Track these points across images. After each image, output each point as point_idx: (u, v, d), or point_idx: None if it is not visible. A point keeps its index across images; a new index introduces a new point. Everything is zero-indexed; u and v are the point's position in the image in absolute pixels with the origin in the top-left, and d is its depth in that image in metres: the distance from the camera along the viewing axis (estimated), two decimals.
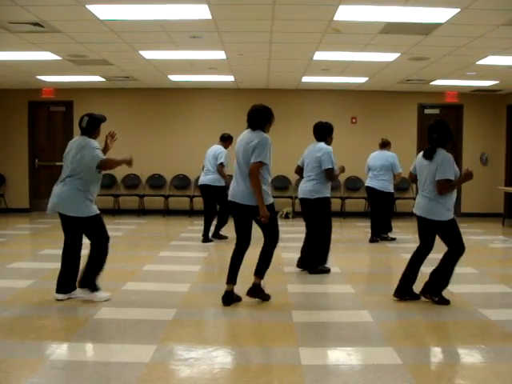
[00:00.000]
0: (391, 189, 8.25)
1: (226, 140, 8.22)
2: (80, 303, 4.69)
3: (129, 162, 4.77)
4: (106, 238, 4.76)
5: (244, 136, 4.70)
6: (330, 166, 5.88)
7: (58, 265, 6.25)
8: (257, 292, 4.78)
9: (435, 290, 4.73)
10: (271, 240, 4.77)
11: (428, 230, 4.78)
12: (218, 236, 8.30)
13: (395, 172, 8.20)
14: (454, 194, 4.71)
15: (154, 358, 3.44)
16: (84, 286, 4.74)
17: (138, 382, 3.07)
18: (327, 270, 6.05)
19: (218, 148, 8.09)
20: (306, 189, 6.02)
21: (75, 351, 3.62)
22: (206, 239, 8.13)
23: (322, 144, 6.01)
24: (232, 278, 4.70)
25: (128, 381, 3.08)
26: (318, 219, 6.01)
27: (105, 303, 4.68)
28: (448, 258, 4.70)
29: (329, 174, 5.92)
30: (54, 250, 7.35)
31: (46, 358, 3.40)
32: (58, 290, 4.74)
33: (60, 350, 3.54)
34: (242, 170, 4.63)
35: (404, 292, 4.86)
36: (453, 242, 4.68)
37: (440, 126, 4.66)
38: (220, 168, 7.95)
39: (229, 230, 7.25)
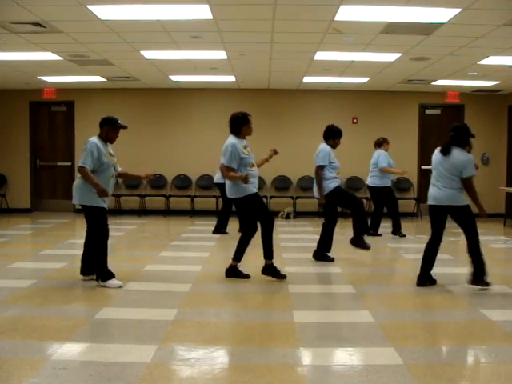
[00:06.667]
0: (381, 183, 8.73)
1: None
2: (81, 303, 4.70)
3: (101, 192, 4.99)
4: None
5: None
6: (320, 164, 6.40)
7: (58, 264, 6.31)
8: (231, 272, 5.63)
9: (481, 276, 5.16)
10: (247, 230, 5.54)
11: (443, 218, 5.20)
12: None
13: (379, 167, 8.68)
14: None
15: (155, 358, 3.45)
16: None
17: (140, 382, 3.07)
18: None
19: None
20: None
21: (77, 351, 3.62)
22: (216, 231, 8.87)
23: (322, 143, 6.65)
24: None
25: (129, 381, 3.08)
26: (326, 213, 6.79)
27: (106, 303, 4.69)
28: (472, 244, 5.10)
29: (316, 171, 6.45)
30: (55, 250, 7.39)
31: (47, 358, 3.40)
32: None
33: (61, 350, 3.55)
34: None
35: (425, 279, 5.33)
36: (470, 226, 5.10)
37: (459, 128, 5.13)
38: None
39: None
